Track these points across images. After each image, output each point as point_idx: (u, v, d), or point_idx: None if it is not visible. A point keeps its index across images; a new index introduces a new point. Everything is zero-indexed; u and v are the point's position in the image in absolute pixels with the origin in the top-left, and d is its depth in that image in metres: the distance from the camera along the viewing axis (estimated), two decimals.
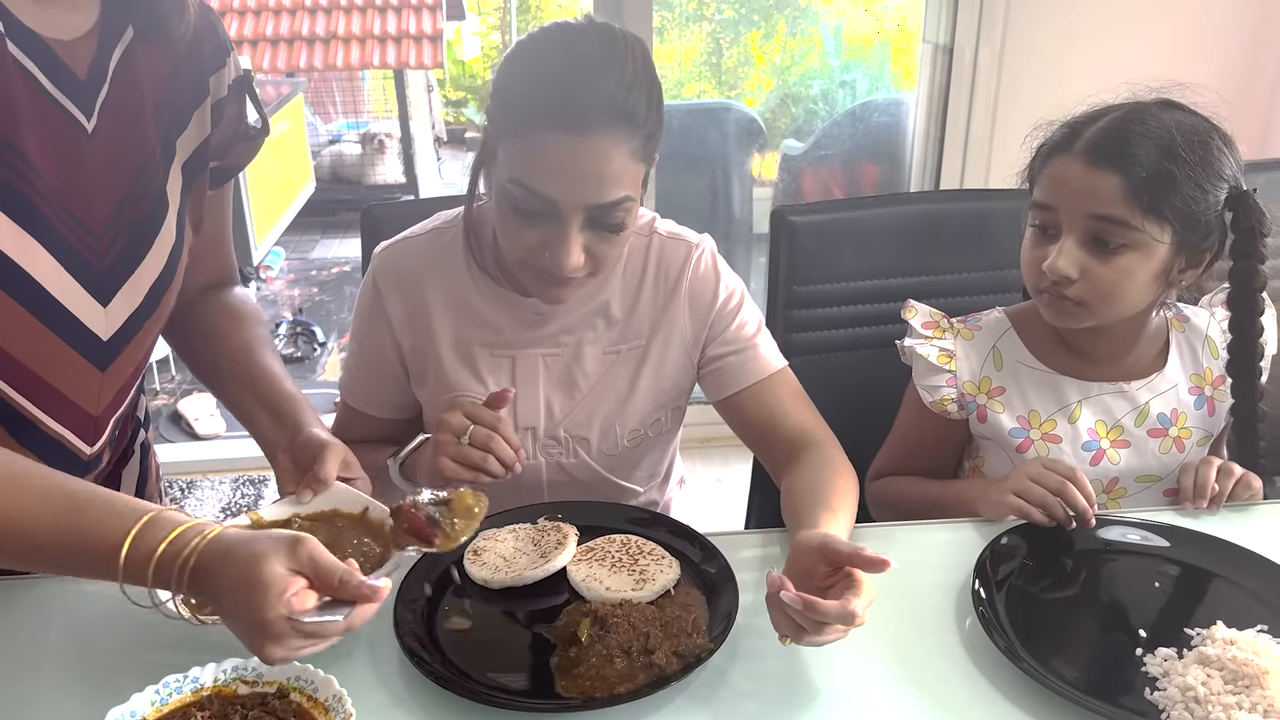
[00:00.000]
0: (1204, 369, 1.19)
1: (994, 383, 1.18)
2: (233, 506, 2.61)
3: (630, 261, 1.12)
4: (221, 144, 1.02)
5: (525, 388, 1.12)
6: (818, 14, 3.69)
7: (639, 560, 0.97)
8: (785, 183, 3.22)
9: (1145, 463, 1.16)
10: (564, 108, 0.92)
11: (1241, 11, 2.44)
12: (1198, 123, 1.07)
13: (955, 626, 0.91)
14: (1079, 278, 1.06)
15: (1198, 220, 1.05)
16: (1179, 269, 1.08)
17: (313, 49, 4.53)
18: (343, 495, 0.95)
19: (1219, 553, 0.99)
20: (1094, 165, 1.05)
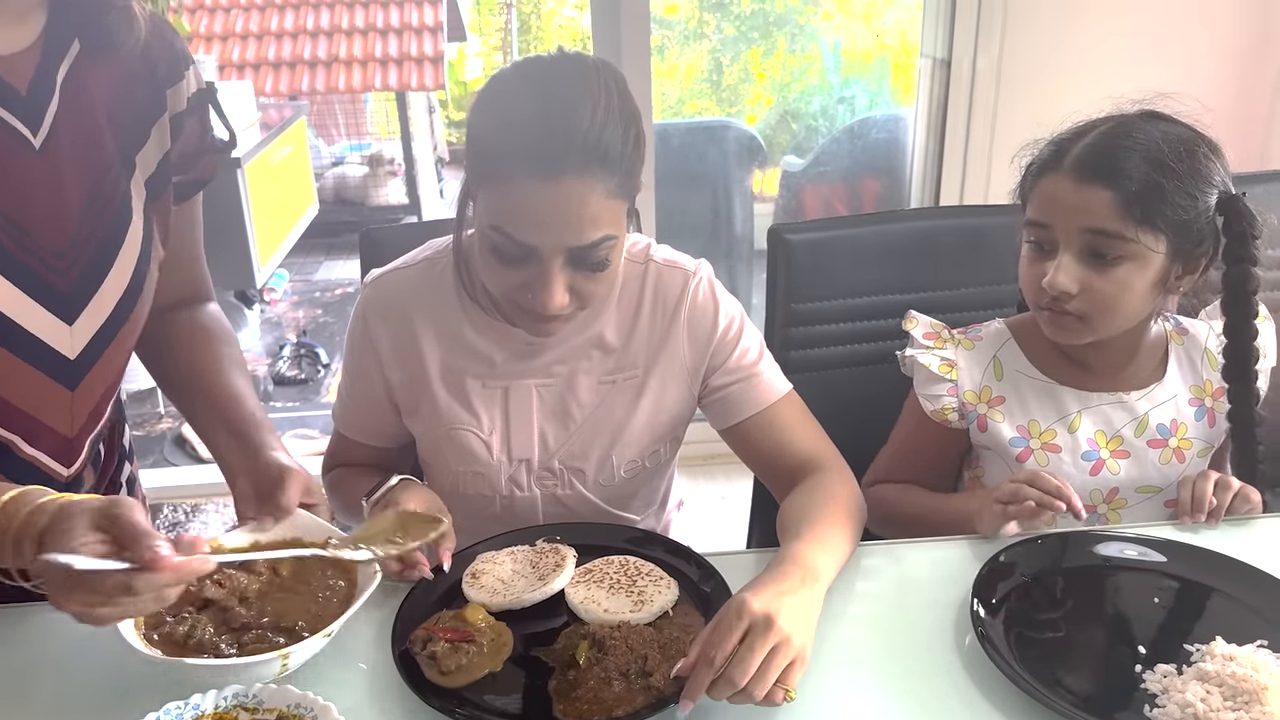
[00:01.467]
0: (1204, 380, 1.19)
1: (994, 392, 1.18)
2: None
3: (626, 290, 1.11)
4: (184, 157, 1.01)
5: (519, 419, 1.12)
6: (817, 31, 3.71)
7: (637, 581, 0.97)
8: (786, 199, 3.24)
9: (1145, 473, 1.16)
10: (536, 154, 0.91)
11: (1239, 26, 2.45)
12: (1183, 132, 1.07)
13: (954, 645, 0.91)
14: (1079, 292, 1.07)
15: (1190, 227, 1.06)
16: (1175, 276, 1.09)
17: (315, 72, 4.57)
18: (305, 523, 0.94)
19: (1218, 567, 0.98)
20: (1084, 181, 1.05)
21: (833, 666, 0.88)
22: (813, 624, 0.85)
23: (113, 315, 0.94)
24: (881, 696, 0.86)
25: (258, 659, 0.81)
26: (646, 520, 1.24)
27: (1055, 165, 1.09)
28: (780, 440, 1.12)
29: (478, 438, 1.11)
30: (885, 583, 1.01)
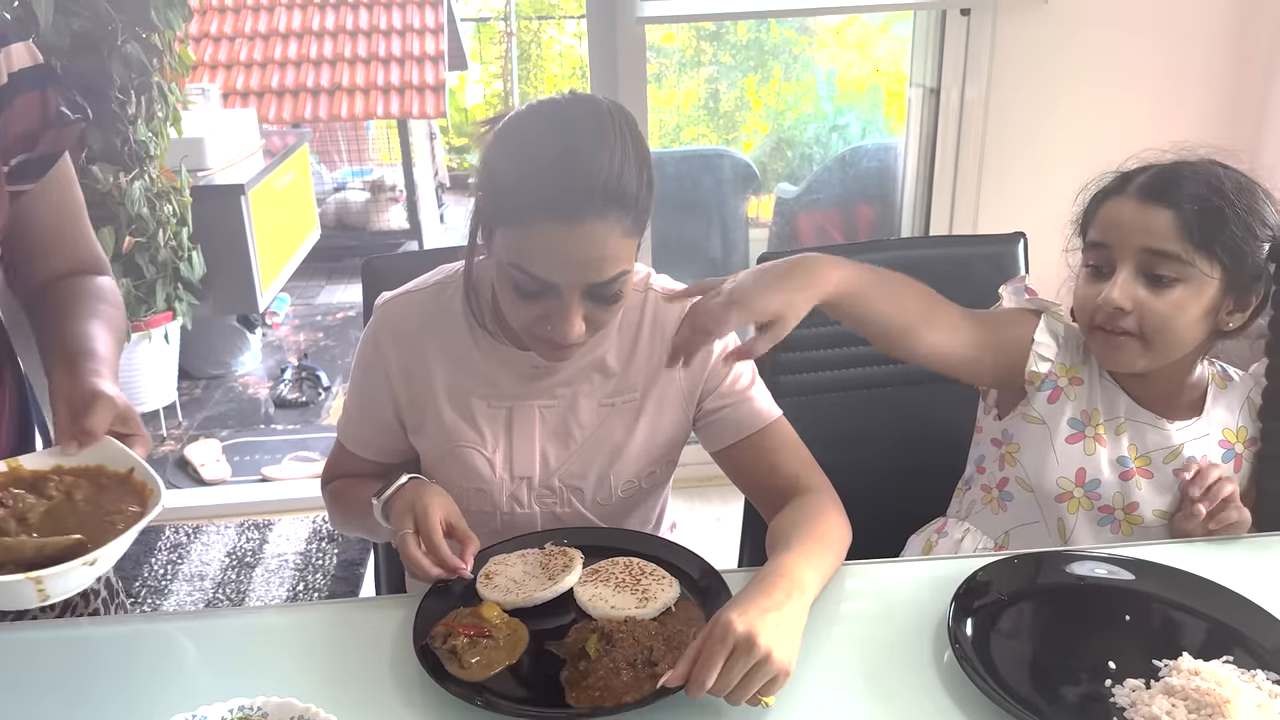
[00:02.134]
0: (1238, 427, 1.23)
1: (1078, 373, 1.22)
2: (238, 551, 2.64)
3: (626, 317, 1.16)
4: (21, 135, 0.98)
5: (521, 438, 1.16)
6: (811, 60, 3.78)
7: (641, 580, 1.02)
8: (780, 225, 3.29)
9: (1165, 499, 1.20)
10: (558, 199, 0.95)
11: (1222, 57, 2.51)
12: (1241, 176, 1.14)
13: (933, 660, 0.95)
14: (1132, 309, 1.11)
15: (1245, 260, 1.11)
16: (1227, 311, 1.14)
17: (318, 100, 4.63)
18: (112, 451, 0.91)
19: (1188, 586, 1.02)
20: (1147, 202, 1.11)
21: (815, 684, 0.92)
22: (797, 637, 0.89)
23: None
24: (863, 711, 0.89)
25: (5, 579, 0.79)
26: None
27: (1119, 190, 1.15)
28: (771, 462, 1.16)
29: (481, 455, 1.15)
30: (866, 602, 1.05)
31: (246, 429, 3.41)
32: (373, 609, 1.08)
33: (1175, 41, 2.49)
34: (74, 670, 0.96)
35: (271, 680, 0.86)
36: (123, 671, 0.96)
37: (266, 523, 2.77)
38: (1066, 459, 1.20)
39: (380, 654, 0.96)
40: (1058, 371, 1.21)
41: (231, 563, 2.60)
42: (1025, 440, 1.22)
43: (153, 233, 2.98)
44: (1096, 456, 1.19)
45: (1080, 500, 1.20)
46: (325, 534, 2.72)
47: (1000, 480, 1.25)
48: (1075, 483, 1.20)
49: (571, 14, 6.65)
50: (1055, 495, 1.21)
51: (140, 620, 1.06)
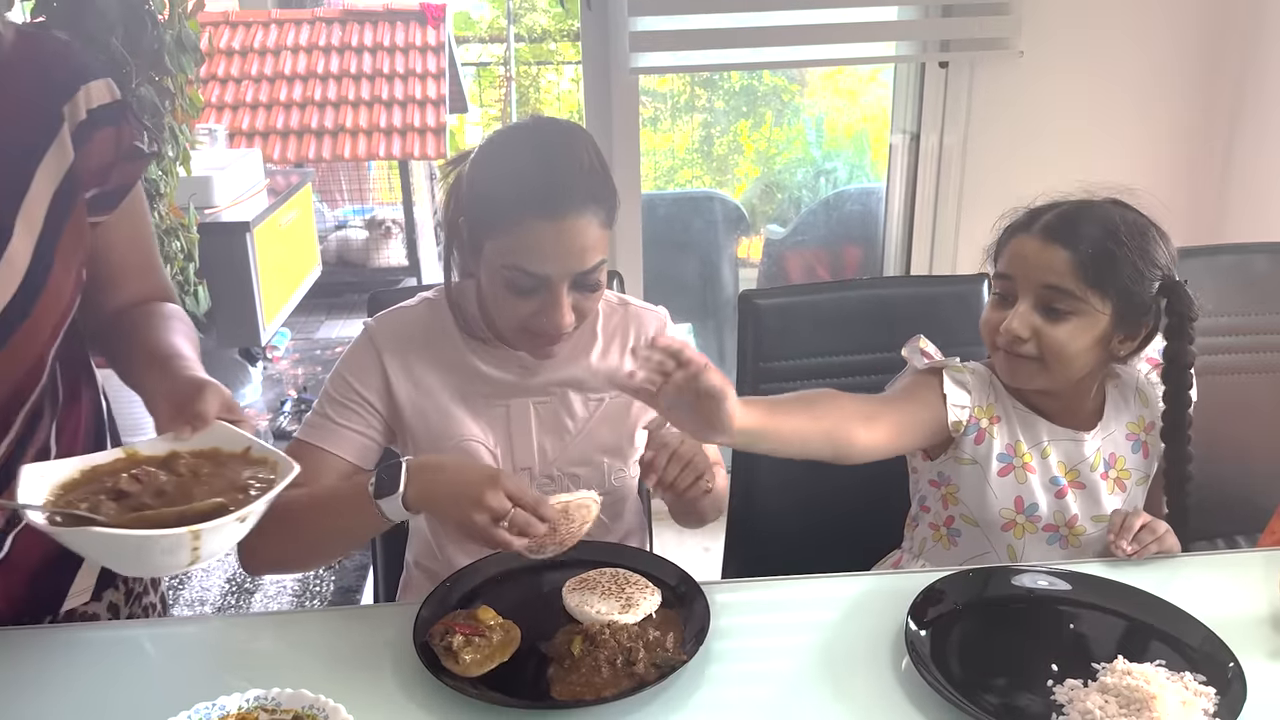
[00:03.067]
0: (1138, 417, 1.33)
1: (995, 411, 1.30)
2: (238, 576, 2.71)
3: (609, 324, 1.31)
4: (97, 169, 1.03)
5: (519, 432, 1.27)
6: (802, 106, 3.91)
7: (626, 589, 1.11)
8: (768, 265, 3.39)
9: (1097, 503, 1.30)
10: (543, 199, 1.10)
11: (1188, 104, 2.63)
12: (1138, 218, 1.24)
13: (891, 665, 1.03)
14: (1030, 338, 1.21)
15: (1134, 298, 1.21)
16: (1118, 340, 1.24)
17: (321, 141, 4.75)
18: (224, 433, 0.94)
19: (1129, 598, 1.11)
20: (1048, 241, 1.21)
21: (781, 687, 1.00)
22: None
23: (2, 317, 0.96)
24: (827, 714, 0.97)
25: (163, 532, 0.81)
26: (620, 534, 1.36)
27: (1026, 227, 1.25)
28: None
29: (485, 448, 1.25)
30: (827, 612, 1.13)
31: None
32: (375, 615, 1.17)
33: (1144, 89, 2.60)
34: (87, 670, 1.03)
35: (282, 677, 0.94)
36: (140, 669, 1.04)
37: None
38: (1003, 491, 1.29)
39: (383, 653, 1.05)
40: (977, 415, 1.29)
41: (231, 588, 2.66)
42: (962, 481, 1.31)
43: None
44: (1029, 483, 1.28)
45: (1024, 525, 1.29)
46: None
47: (946, 519, 1.34)
48: (1016, 510, 1.29)
49: (570, 59, 6.82)
50: (1000, 525, 1.30)
51: (156, 625, 1.14)
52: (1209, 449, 1.71)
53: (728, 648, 1.06)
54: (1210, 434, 1.70)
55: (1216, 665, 0.99)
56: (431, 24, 4.93)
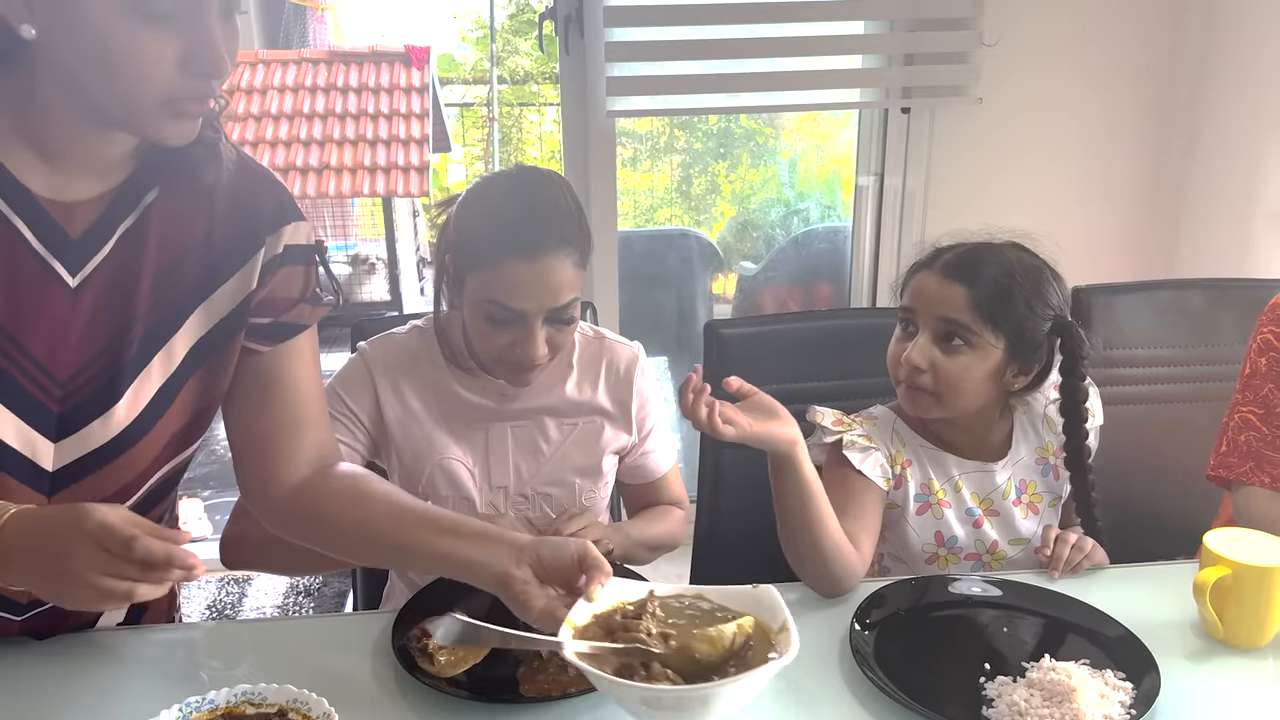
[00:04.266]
0: (1046, 442, 1.42)
1: (903, 457, 1.38)
2: (218, 604, 2.75)
3: (585, 357, 1.40)
4: (279, 300, 1.04)
5: (497, 454, 1.36)
6: (776, 149, 4.04)
7: None
8: (741, 300, 3.50)
9: (1014, 528, 1.38)
10: (521, 240, 1.21)
11: (1142, 144, 2.75)
12: (1033, 260, 1.33)
13: (839, 665, 1.10)
14: (928, 369, 1.30)
15: (1026, 335, 1.30)
16: (1012, 374, 1.32)
17: (306, 178, 4.84)
18: (616, 585, 0.94)
19: (1056, 603, 1.19)
20: (947, 278, 1.30)
21: None
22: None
23: (106, 446, 0.98)
24: (775, 707, 1.04)
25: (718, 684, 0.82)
26: None
27: (929, 264, 1.34)
28: (663, 497, 1.48)
29: (464, 466, 1.34)
30: None
31: (228, 489, 3.52)
32: (357, 621, 1.23)
33: (1097, 135, 2.72)
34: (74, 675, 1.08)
35: (268, 677, 1.00)
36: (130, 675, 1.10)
37: (246, 578, 2.88)
38: (923, 528, 1.37)
39: (364, 655, 1.11)
40: (888, 464, 1.36)
41: (212, 615, 2.70)
42: (886, 524, 1.37)
43: None
44: (946, 518, 1.37)
45: (947, 557, 1.38)
46: (302, 589, 2.83)
47: (878, 555, 1.42)
48: (937, 544, 1.37)
49: (551, 101, 6.97)
50: (925, 559, 1.38)
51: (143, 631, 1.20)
52: (1149, 478, 1.81)
53: None
54: (1150, 462, 1.81)
55: (1135, 663, 1.07)
56: (416, 65, 5.05)
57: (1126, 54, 2.67)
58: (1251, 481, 1.34)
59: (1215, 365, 1.78)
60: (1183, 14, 2.63)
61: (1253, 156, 2.50)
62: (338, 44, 5.89)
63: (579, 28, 2.57)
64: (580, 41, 2.58)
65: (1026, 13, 2.59)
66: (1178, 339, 1.80)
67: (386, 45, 5.28)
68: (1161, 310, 1.81)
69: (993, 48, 2.61)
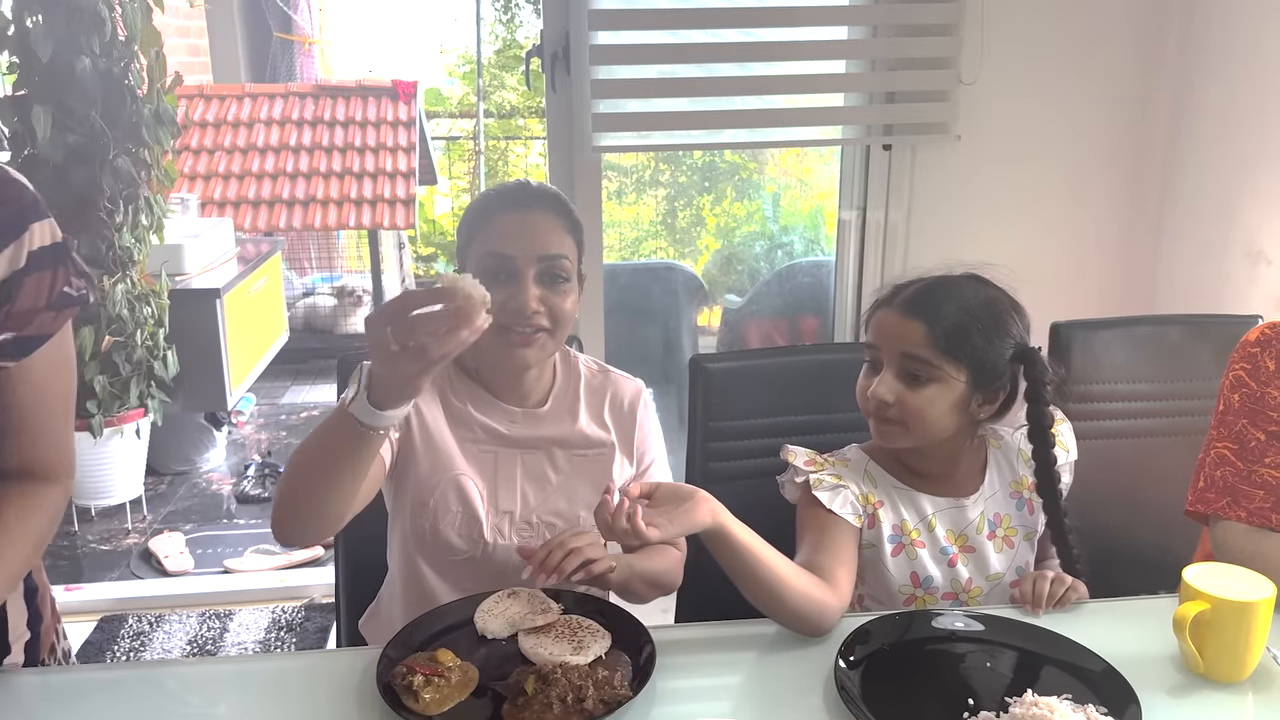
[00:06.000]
0: (1020, 476, 1.43)
1: (875, 497, 1.38)
2: (199, 639, 2.72)
3: (590, 387, 1.43)
4: (20, 314, 0.97)
5: (505, 478, 1.38)
6: (760, 183, 4.08)
7: (578, 633, 1.19)
8: (725, 333, 3.52)
9: (988, 563, 1.39)
10: (513, 197, 1.33)
11: (1116, 189, 2.80)
12: (992, 291, 1.36)
13: (823, 701, 1.10)
14: (894, 403, 1.31)
15: (987, 366, 1.32)
16: (978, 404, 1.34)
17: (292, 211, 4.84)
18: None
19: (1039, 639, 1.20)
20: (907, 315, 1.32)
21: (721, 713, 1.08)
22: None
23: None
24: None
25: None
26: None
27: (889, 301, 1.36)
28: None
29: (476, 486, 1.35)
30: (765, 653, 1.21)
31: (209, 523, 3.50)
32: (341, 658, 1.23)
33: (1075, 171, 2.77)
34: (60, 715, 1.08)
35: (253, 713, 1.00)
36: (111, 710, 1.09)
37: (227, 613, 2.85)
38: (899, 570, 1.37)
39: (349, 692, 1.11)
40: (860, 503, 1.36)
41: (192, 650, 2.68)
42: (864, 564, 1.38)
43: (130, 333, 3.14)
44: (920, 558, 1.37)
45: (924, 598, 1.38)
46: (284, 624, 2.81)
47: (858, 597, 1.42)
48: (913, 585, 1.38)
49: (537, 135, 7.02)
50: (902, 600, 1.38)
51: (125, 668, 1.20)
52: (1129, 511, 1.83)
53: (672, 685, 1.13)
54: (1128, 496, 1.82)
55: (1116, 697, 1.08)
56: (403, 100, 5.09)
57: (1104, 93, 2.72)
58: (1228, 516, 1.36)
59: (1193, 400, 1.80)
60: (1159, 54, 2.68)
61: (1229, 195, 2.54)
62: (325, 78, 5.93)
63: (565, 65, 2.60)
64: (567, 78, 2.61)
65: (1004, 53, 2.64)
66: (1156, 374, 1.82)
67: (374, 79, 5.32)
68: (1140, 345, 1.84)
69: (971, 86, 2.66)
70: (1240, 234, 2.52)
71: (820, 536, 1.31)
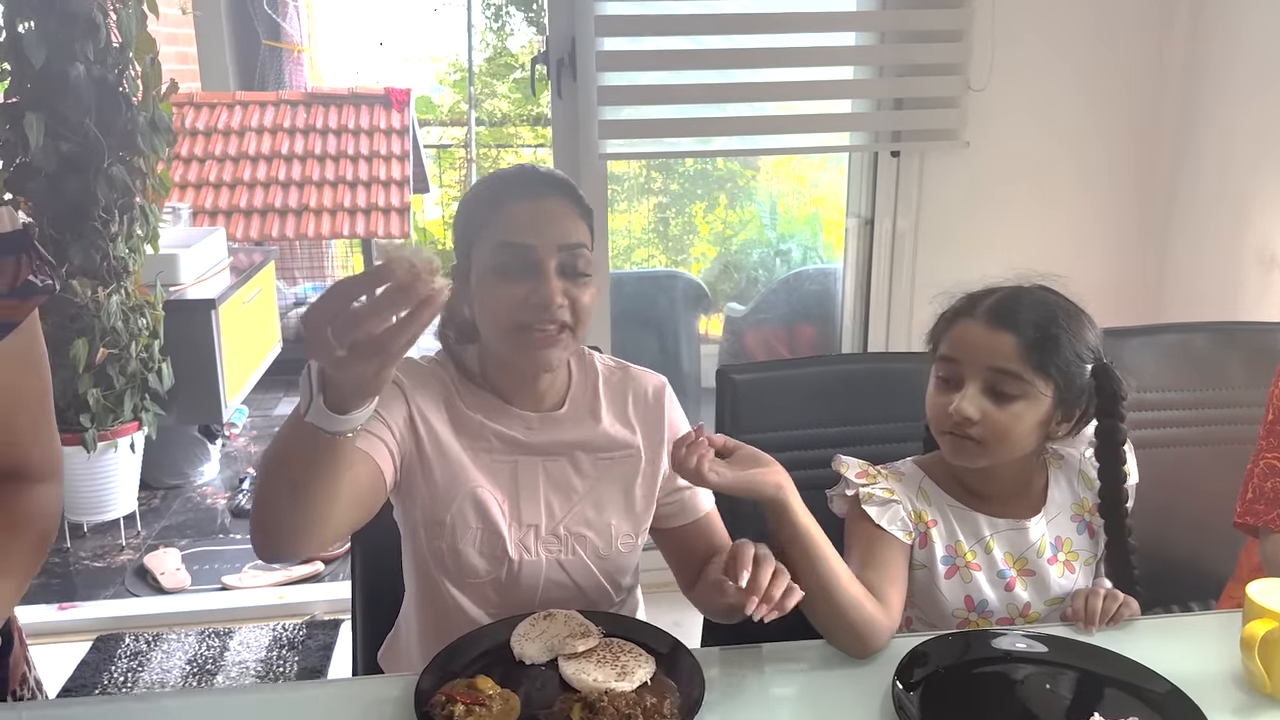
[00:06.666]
0: (1081, 499, 1.39)
1: (928, 516, 1.34)
2: (198, 658, 2.66)
3: (611, 388, 1.35)
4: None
5: (527, 488, 1.29)
6: (755, 190, 4.06)
7: (620, 657, 1.14)
8: (730, 342, 3.49)
9: (1048, 587, 1.34)
10: (524, 183, 1.24)
11: (1123, 195, 2.79)
12: (1069, 304, 1.31)
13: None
14: (979, 420, 1.26)
15: (1073, 380, 1.28)
16: (1057, 422, 1.30)
17: (285, 220, 4.78)
18: None
19: (1101, 659, 1.17)
20: (994, 326, 1.27)
21: None
22: None
23: None
24: None
25: None
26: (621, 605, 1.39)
27: (969, 312, 1.31)
28: (710, 543, 1.37)
29: (495, 500, 1.27)
30: (815, 675, 1.18)
31: (205, 538, 3.43)
32: (374, 685, 1.18)
33: (1083, 177, 2.76)
34: None
35: None
36: None
37: (227, 631, 2.79)
38: (952, 593, 1.32)
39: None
40: (912, 520, 1.32)
41: (192, 670, 2.61)
42: (915, 586, 1.34)
43: (125, 345, 3.07)
44: (975, 580, 1.32)
45: (978, 622, 1.33)
46: (286, 642, 2.75)
47: (906, 619, 1.37)
48: (967, 609, 1.33)
49: (529, 143, 6.98)
50: (955, 624, 1.33)
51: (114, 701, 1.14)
52: (1158, 521, 1.80)
53: (722, 712, 1.09)
54: (1158, 507, 1.79)
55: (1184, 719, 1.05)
56: (396, 107, 5.04)
57: (1112, 98, 2.71)
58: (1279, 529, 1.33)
59: (1223, 409, 1.78)
60: (1168, 58, 2.68)
61: (1240, 200, 2.54)
62: (316, 85, 5.87)
63: (571, 71, 2.57)
64: (573, 85, 2.58)
65: (1013, 59, 2.63)
66: (1184, 383, 1.80)
67: (366, 87, 5.26)
68: (1167, 354, 1.81)
69: (980, 92, 2.64)
70: (1252, 240, 2.51)
71: (869, 553, 1.27)
